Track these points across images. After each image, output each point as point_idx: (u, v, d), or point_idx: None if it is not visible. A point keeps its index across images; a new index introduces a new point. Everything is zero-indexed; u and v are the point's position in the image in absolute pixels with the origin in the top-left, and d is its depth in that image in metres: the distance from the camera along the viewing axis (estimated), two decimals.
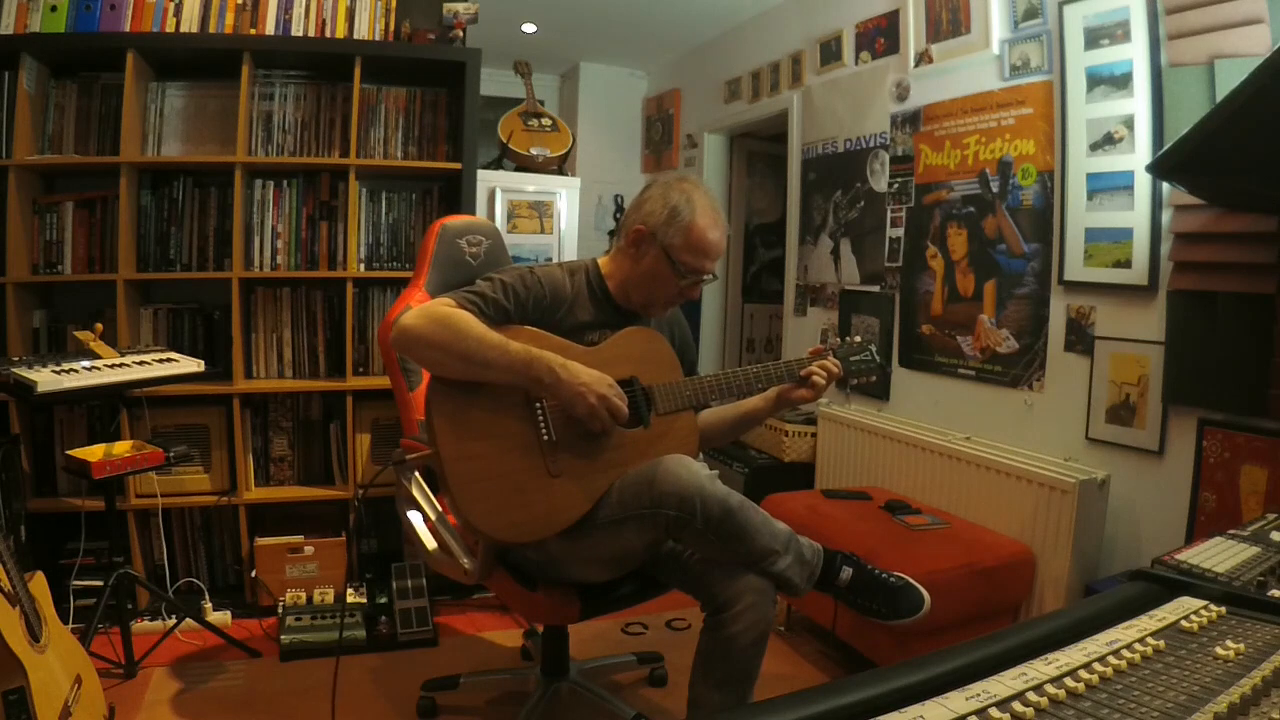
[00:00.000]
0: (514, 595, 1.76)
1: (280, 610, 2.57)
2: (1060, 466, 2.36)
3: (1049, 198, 2.51)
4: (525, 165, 3.75)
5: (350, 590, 2.65)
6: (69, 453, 2.21)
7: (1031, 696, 0.69)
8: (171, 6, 2.67)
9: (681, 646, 2.44)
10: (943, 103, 2.91)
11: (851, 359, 1.83)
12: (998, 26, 2.68)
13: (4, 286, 2.52)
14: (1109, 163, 2.31)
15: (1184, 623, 0.87)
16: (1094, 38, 2.34)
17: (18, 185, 2.53)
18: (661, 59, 5.13)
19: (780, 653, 2.54)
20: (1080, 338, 2.43)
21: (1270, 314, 1.91)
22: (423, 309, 1.60)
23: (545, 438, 1.60)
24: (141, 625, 2.47)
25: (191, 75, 2.80)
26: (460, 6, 2.94)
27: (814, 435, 3.34)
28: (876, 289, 3.26)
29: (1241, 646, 0.80)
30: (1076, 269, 2.42)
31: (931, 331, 2.99)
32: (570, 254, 3.81)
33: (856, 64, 3.37)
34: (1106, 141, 2.32)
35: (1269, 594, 0.97)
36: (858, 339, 1.87)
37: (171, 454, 2.32)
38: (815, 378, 1.76)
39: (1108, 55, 2.30)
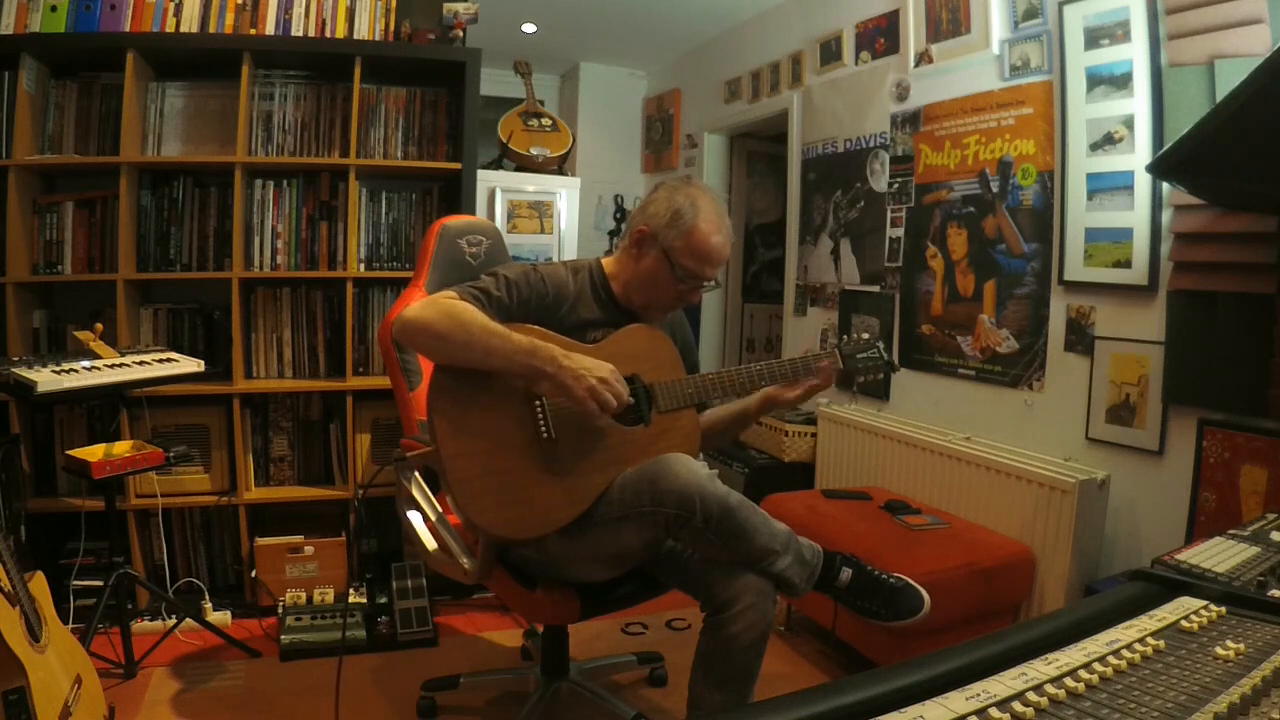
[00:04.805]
0: (514, 595, 1.76)
1: (280, 610, 2.57)
2: (1060, 466, 2.36)
3: (1049, 198, 2.51)
4: (525, 165, 3.75)
5: (350, 590, 2.65)
6: (69, 453, 2.21)
7: (1031, 696, 0.69)
8: (171, 6, 2.67)
9: (681, 646, 2.44)
10: (943, 103, 2.91)
11: (858, 356, 1.78)
12: (998, 26, 2.68)
13: (4, 286, 2.52)
14: (1109, 163, 2.31)
15: (1184, 623, 0.87)
16: (1094, 38, 2.34)
17: (18, 185, 2.53)
18: (661, 59, 5.13)
19: (780, 653, 2.54)
20: (1080, 338, 2.43)
21: (1270, 314, 1.91)
22: (426, 300, 1.61)
23: (545, 435, 1.60)
24: (141, 625, 2.47)
25: (191, 75, 2.80)
26: (460, 6, 2.94)
27: (814, 435, 3.34)
28: (876, 289, 3.26)
29: (1241, 646, 0.80)
30: (1076, 269, 2.42)
31: (931, 331, 2.99)
32: (570, 254, 3.81)
33: (856, 64, 3.37)
34: (1106, 141, 2.32)
35: (1269, 594, 0.96)
36: (865, 336, 1.80)
37: (171, 454, 2.32)
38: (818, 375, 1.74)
39: (1108, 55, 2.30)
